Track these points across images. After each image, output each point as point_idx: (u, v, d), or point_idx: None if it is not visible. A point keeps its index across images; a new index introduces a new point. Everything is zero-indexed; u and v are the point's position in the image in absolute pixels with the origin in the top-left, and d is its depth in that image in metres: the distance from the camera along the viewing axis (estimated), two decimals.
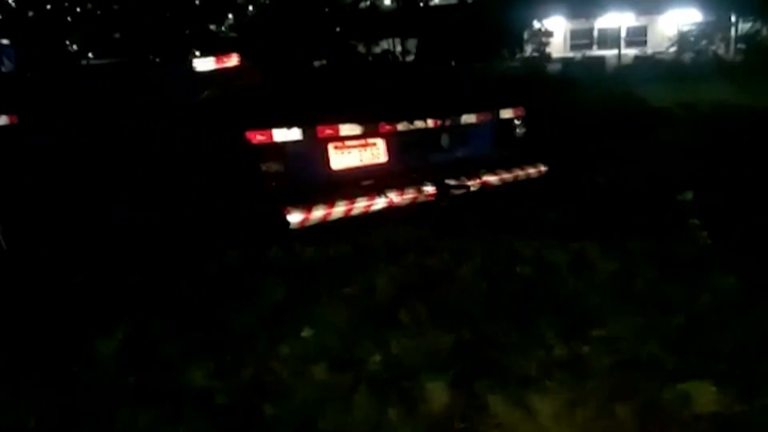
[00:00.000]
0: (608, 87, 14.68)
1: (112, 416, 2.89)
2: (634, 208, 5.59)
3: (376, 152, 4.03)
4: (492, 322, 3.62)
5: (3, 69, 4.87)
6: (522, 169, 4.52)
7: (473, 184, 4.21)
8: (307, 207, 3.61)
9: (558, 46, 30.94)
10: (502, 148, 4.60)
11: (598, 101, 12.03)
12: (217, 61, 3.47)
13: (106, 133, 4.07)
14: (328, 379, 3.15)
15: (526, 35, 27.07)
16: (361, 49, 30.71)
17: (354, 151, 3.93)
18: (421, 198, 4.02)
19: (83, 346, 3.55)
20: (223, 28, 31.94)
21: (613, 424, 2.63)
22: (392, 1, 32.05)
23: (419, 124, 4.19)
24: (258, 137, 3.51)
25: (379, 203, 3.86)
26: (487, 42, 27.01)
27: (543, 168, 4.61)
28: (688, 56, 23.53)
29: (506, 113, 4.62)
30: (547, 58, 26.25)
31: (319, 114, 3.77)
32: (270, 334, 3.63)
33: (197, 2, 27.34)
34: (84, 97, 4.27)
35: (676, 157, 7.49)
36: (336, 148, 3.86)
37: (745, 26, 23.36)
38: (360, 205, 3.80)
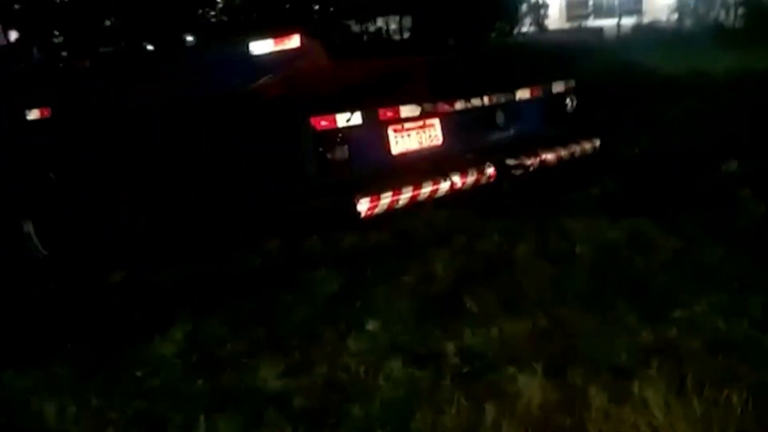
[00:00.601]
0: (615, 57, 14.45)
1: (190, 423, 2.74)
2: (678, 180, 5.44)
3: (434, 134, 3.86)
4: (565, 307, 3.48)
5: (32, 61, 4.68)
6: (577, 144, 4.36)
7: (532, 164, 4.05)
8: (374, 194, 3.44)
9: (554, 18, 30.55)
10: (554, 123, 4.44)
11: (607, 72, 11.82)
12: (276, 42, 3.25)
13: (146, 124, 3.89)
14: (407, 375, 3.00)
15: (524, 8, 26.74)
16: (355, 27, 30.27)
17: (413, 134, 3.76)
18: (483, 180, 3.86)
19: (141, 348, 3.41)
20: (212, 13, 31.38)
21: (728, 413, 2.49)
22: None
23: (475, 101, 4.02)
24: (322, 123, 3.34)
25: (443, 187, 3.70)
26: (484, 16, 26.65)
27: (597, 142, 4.45)
28: (688, 23, 23.25)
29: (558, 87, 4.45)
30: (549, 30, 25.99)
31: (378, 95, 3.60)
32: (333, 327, 3.49)
33: None
34: (122, 87, 4.08)
35: (706, 126, 7.34)
36: (396, 131, 3.69)
37: None
38: (425, 190, 3.64)
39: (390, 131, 3.67)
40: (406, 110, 3.71)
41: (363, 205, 3.39)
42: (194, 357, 3.29)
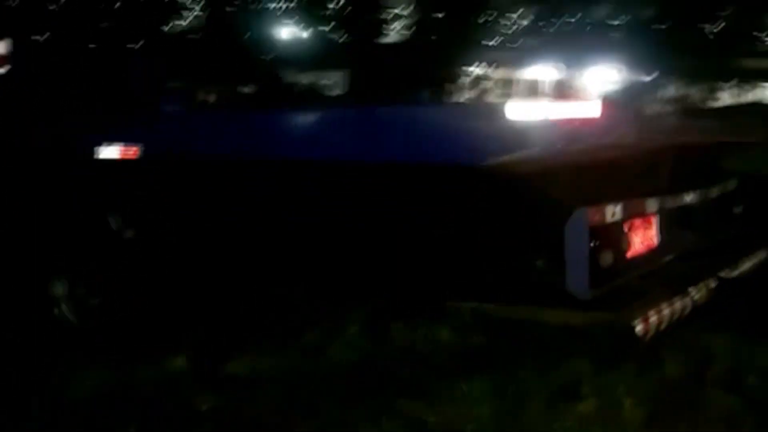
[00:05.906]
0: None
1: None
2: None
3: (651, 233, 3.19)
4: None
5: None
6: (757, 250, 3.81)
7: (739, 274, 3.46)
8: (642, 310, 2.72)
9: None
10: (727, 226, 3.89)
11: None
12: (562, 108, 2.44)
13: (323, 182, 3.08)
14: None
15: (467, 81, 27.10)
16: (290, 79, 29.69)
17: (640, 233, 3.08)
18: (709, 295, 3.22)
19: None
20: None
21: None
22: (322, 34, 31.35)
23: (687, 198, 3.42)
24: (596, 217, 2.61)
25: (687, 303, 3.02)
26: (418, 82, 26.78)
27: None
28: None
29: (731, 185, 3.93)
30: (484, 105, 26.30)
31: (629, 186, 2.93)
32: None
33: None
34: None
35: None
36: (629, 229, 2.99)
37: (671, 87, 24.16)
38: (677, 305, 2.94)
39: (631, 229, 2.98)
40: (650, 205, 3.06)
41: (639, 326, 2.66)
42: None
